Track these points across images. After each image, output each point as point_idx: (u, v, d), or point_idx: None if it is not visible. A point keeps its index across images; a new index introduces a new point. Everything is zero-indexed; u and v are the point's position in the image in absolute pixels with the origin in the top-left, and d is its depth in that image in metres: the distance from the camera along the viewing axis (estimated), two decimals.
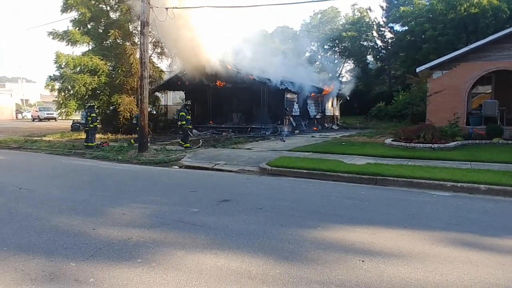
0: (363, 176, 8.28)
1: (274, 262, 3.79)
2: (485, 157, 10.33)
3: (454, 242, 4.41)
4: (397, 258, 3.89)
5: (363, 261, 3.81)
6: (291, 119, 21.93)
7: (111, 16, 21.56)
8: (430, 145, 12.12)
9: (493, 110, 14.41)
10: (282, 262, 3.80)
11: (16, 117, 56.37)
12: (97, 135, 16.78)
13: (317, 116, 25.57)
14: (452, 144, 12.34)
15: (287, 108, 21.62)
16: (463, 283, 3.32)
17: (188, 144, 14.82)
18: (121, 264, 3.79)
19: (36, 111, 47.83)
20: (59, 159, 13.09)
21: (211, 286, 3.31)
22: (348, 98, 30.15)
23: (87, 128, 15.50)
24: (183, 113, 15.34)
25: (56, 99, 21.70)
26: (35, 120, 45.35)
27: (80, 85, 18.94)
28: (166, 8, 13.02)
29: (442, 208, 5.99)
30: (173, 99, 32.61)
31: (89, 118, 15.33)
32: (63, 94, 20.46)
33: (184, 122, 15.14)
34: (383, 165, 9.21)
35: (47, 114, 45.36)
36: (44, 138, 19.68)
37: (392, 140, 13.50)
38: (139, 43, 15.60)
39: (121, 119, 20.17)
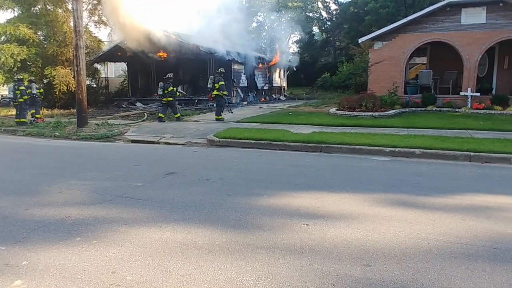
0: (309, 145, 8.48)
1: (220, 232, 3.77)
2: (421, 123, 11.01)
3: (391, 202, 4.67)
4: (339, 220, 4.05)
5: (307, 225, 3.91)
6: (239, 90, 21.76)
7: None
8: (371, 113, 12.66)
9: (428, 80, 15.29)
10: (229, 231, 3.79)
11: None
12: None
13: (265, 88, 25.58)
14: (391, 112, 12.99)
15: (235, 80, 21.35)
16: (398, 239, 3.54)
17: (222, 117, 13.50)
18: (58, 244, 3.56)
19: None
20: None
21: (155, 259, 3.22)
22: (295, 69, 30.38)
23: (16, 103, 14.22)
24: (223, 82, 13.72)
25: None
26: None
27: (7, 56, 17.27)
28: None
29: (382, 172, 6.32)
30: (115, 71, 30.83)
31: (18, 92, 14.03)
32: None
33: (225, 93, 13.86)
34: (328, 134, 9.48)
35: None
36: None
37: (336, 110, 13.91)
38: (72, 9, 14.36)
39: (57, 93, 18.78)
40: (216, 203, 4.62)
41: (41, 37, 19.67)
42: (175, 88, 14.17)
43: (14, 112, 17.09)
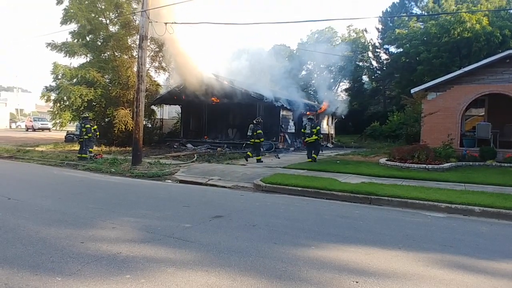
0: (358, 195, 8.24)
1: (266, 282, 3.69)
2: (479, 179, 10.35)
3: (449, 264, 4.35)
4: (391, 279, 3.82)
5: (357, 282, 3.73)
6: (286, 136, 21.98)
7: (110, 29, 21.73)
8: (425, 165, 12.14)
9: (486, 133, 14.54)
10: (275, 281, 3.70)
11: (10, 126, 55.98)
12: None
13: None
14: (446, 165, 12.37)
15: (283, 125, 21.68)
16: None
17: (314, 158, 14.58)
18: (108, 280, 3.67)
19: (30, 121, 47.55)
20: (50, 170, 12.93)
21: None
22: (343, 117, 30.34)
23: (81, 139, 15.38)
24: (319, 127, 15.15)
25: (51, 109, 21.64)
26: (29, 130, 45.01)
27: (76, 96, 18.92)
28: (165, 23, 13.13)
29: (437, 230, 5.94)
30: (169, 113, 32.62)
31: (83, 129, 15.22)
32: (58, 105, 20.45)
33: (322, 136, 15.57)
34: (378, 185, 9.18)
35: (41, 124, 45.08)
36: (36, 149, 19.47)
37: (386, 160, 13.52)
38: (137, 56, 15.68)
39: (116, 131, 20.08)
40: (262, 251, 4.57)
41: (107, 80, 21.46)
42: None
43: (76, 147, 18.50)
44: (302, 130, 15.41)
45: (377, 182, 9.73)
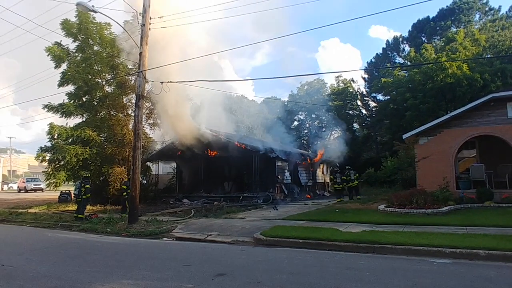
0: (360, 245, 8.11)
1: None
2: (480, 221, 10.30)
3: None
4: None
5: None
6: (283, 186, 21.93)
7: (106, 89, 22.26)
8: (424, 210, 12.09)
9: (480, 174, 14.68)
10: None
11: (2, 188, 55.19)
12: (88, 207, 16.40)
13: (309, 183, 25.63)
14: (445, 208, 12.34)
15: (279, 176, 21.71)
16: None
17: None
18: None
19: (23, 182, 47.01)
20: (44, 233, 12.60)
21: None
22: (338, 165, 30.55)
23: (79, 199, 15.13)
24: (358, 174, 19.46)
25: (46, 170, 21.53)
26: (21, 191, 44.36)
27: (71, 155, 18.96)
28: (161, 82, 13.57)
29: (445, 277, 5.82)
30: (163, 168, 32.55)
31: (83, 189, 15.05)
32: (53, 165, 20.38)
33: (357, 182, 19.40)
34: (379, 232, 9.08)
35: (34, 185, 44.54)
36: (29, 210, 19.09)
37: (385, 206, 13.46)
38: (133, 114, 16.01)
39: (111, 190, 19.84)
40: None
41: (103, 138, 21.63)
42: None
43: (70, 208, 18.21)
44: (344, 177, 19.15)
45: (379, 229, 9.61)
